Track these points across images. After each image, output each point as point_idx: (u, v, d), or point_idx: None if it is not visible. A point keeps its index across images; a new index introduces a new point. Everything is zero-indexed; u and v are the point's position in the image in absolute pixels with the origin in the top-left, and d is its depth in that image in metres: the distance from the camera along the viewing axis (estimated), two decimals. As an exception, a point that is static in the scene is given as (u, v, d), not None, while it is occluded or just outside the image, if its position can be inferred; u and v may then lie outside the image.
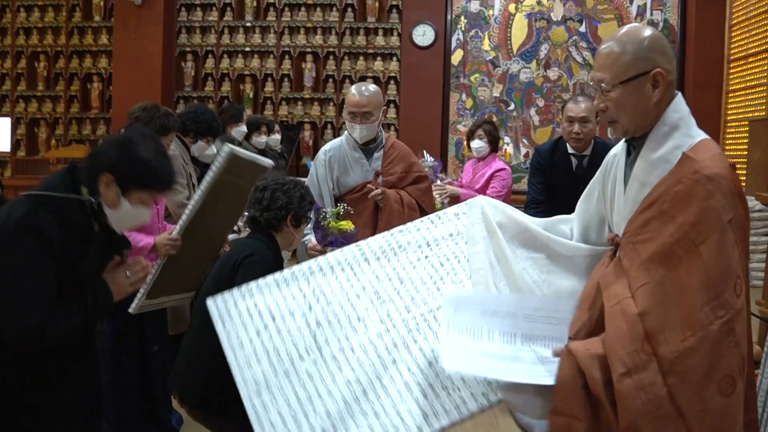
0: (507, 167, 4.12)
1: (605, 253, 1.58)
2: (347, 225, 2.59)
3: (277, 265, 2.19)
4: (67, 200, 1.55)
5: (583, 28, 7.47)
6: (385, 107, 2.96)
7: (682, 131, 1.39)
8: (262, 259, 2.16)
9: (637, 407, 1.23)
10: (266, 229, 2.30)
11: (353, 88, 2.92)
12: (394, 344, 1.51)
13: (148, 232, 2.65)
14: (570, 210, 2.59)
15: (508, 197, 3.97)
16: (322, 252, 2.50)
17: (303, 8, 7.76)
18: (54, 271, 1.53)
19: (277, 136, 5.71)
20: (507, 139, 7.57)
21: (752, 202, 5.30)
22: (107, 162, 1.58)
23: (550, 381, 1.38)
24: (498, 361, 1.43)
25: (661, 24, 7.37)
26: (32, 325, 1.48)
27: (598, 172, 1.69)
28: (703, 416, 1.23)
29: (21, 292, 1.48)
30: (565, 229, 1.76)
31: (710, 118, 6.87)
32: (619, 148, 1.61)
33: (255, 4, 7.79)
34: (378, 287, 1.60)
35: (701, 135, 1.42)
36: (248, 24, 7.81)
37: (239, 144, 4.50)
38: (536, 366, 1.43)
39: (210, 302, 1.55)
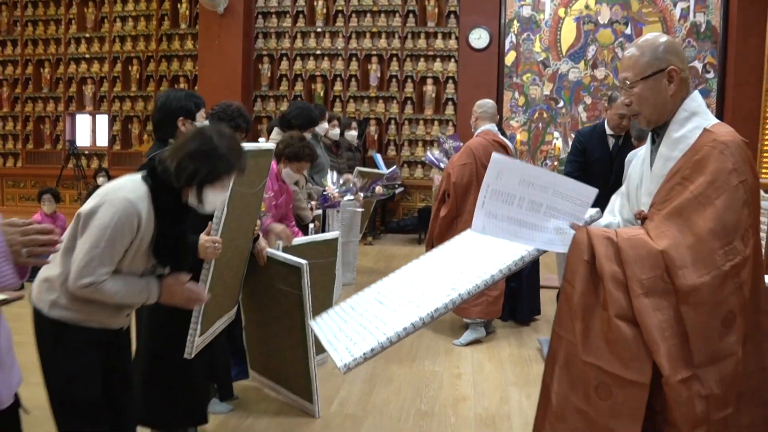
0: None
1: None
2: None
3: None
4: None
5: (628, 30, 7.98)
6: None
7: (701, 116, 1.61)
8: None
9: (654, 323, 1.42)
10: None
11: None
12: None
13: None
14: (605, 180, 3.20)
15: None
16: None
17: (368, 14, 8.48)
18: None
19: (354, 133, 6.45)
20: (556, 134, 8.18)
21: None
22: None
23: (563, 250, 1.58)
24: (520, 227, 1.58)
25: (703, 25, 7.83)
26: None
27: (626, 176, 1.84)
28: (706, 341, 1.42)
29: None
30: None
31: (750, 116, 7.27)
32: (637, 153, 1.86)
33: (325, 11, 8.55)
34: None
35: (717, 120, 1.64)
36: (319, 29, 8.58)
37: (321, 138, 5.09)
38: (552, 235, 1.61)
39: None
